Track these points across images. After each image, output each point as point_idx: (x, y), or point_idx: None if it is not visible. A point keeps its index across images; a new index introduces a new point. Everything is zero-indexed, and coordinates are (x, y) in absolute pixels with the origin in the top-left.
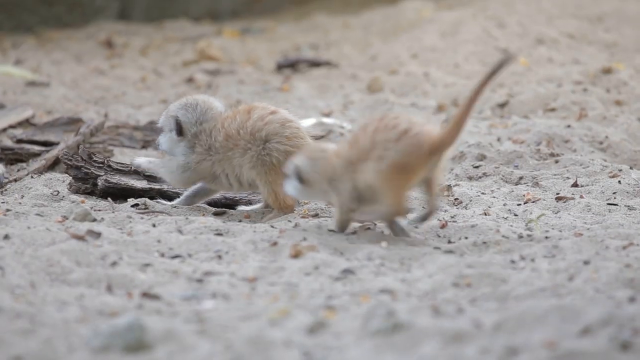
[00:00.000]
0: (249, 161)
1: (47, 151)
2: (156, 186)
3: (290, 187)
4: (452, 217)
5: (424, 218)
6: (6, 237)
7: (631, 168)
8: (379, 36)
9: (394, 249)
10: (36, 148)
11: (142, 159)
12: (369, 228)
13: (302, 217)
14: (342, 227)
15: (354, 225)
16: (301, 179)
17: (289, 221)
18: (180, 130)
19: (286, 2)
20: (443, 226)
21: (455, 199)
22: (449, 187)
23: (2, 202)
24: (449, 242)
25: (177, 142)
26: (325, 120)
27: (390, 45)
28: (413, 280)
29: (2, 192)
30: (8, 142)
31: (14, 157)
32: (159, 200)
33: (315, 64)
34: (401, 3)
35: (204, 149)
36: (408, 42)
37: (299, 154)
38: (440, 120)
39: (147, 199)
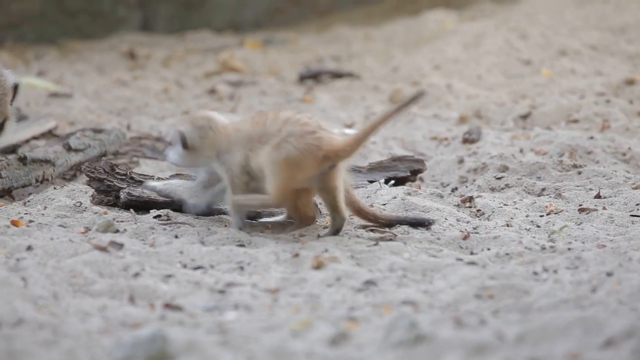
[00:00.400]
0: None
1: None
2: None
3: (172, 154)
4: (474, 229)
5: (333, 233)
6: (29, 248)
7: None
8: (401, 48)
9: (416, 260)
10: None
11: (155, 182)
12: (391, 239)
13: (324, 228)
14: (237, 209)
15: (374, 235)
16: (185, 144)
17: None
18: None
19: (308, 13)
20: (465, 237)
21: (478, 211)
22: (471, 198)
23: (25, 214)
24: (471, 253)
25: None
26: (348, 131)
27: (413, 56)
28: (435, 292)
29: (25, 203)
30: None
31: None
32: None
33: (337, 75)
34: (423, 15)
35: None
36: (430, 54)
37: (185, 122)
38: (462, 132)
39: (169, 210)
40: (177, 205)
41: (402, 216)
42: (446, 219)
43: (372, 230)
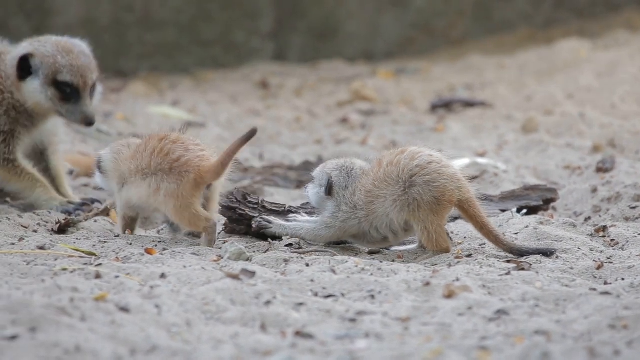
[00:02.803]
0: (393, 205)
1: None
2: None
3: (97, 177)
4: (608, 259)
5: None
6: (163, 275)
7: None
8: (534, 76)
9: (548, 289)
10: None
11: (275, 224)
12: (523, 268)
13: (456, 258)
14: (122, 228)
15: (508, 264)
16: (100, 168)
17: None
18: (329, 190)
19: (441, 43)
20: (599, 267)
21: (612, 240)
22: (605, 227)
23: (159, 242)
24: (605, 283)
25: (324, 199)
26: (480, 160)
27: (546, 85)
28: (568, 322)
29: (158, 231)
30: None
31: None
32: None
33: (469, 104)
34: (557, 43)
35: (349, 207)
36: (563, 83)
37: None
38: (596, 161)
39: (301, 239)
40: None
41: (524, 246)
42: (579, 248)
43: (508, 261)
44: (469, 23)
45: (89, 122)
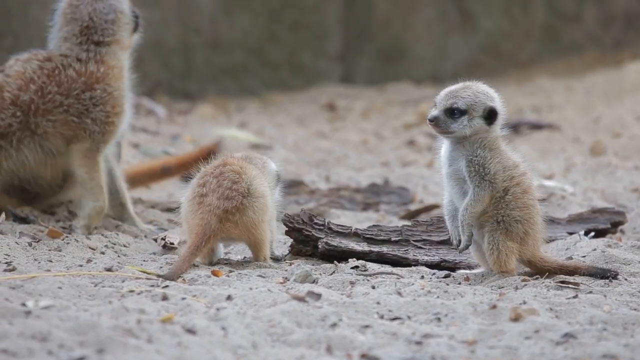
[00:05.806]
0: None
1: None
2: (376, 249)
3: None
4: None
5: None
6: (229, 297)
7: None
8: (602, 99)
9: (616, 313)
10: None
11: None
12: (591, 292)
13: (523, 281)
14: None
15: (575, 287)
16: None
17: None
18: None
19: (508, 65)
20: None
21: None
22: None
23: (225, 263)
24: None
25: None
26: (547, 183)
27: (614, 108)
28: (637, 346)
29: (226, 253)
30: None
31: None
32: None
33: (536, 126)
34: (625, 66)
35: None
36: (632, 105)
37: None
38: None
39: (366, 262)
40: (374, 256)
41: (583, 265)
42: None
43: (561, 282)
44: (536, 45)
45: None
